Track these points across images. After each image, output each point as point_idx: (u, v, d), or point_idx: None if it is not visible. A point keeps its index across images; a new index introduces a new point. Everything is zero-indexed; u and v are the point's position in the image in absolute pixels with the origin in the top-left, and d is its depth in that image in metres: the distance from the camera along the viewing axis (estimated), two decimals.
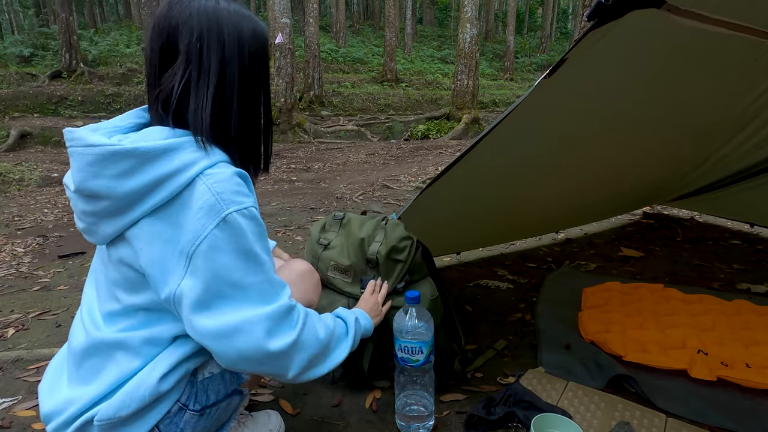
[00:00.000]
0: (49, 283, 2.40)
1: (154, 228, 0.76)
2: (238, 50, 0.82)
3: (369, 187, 4.81)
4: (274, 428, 1.14)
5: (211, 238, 0.73)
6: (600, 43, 1.07)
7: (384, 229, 1.32)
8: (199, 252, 0.74)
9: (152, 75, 0.82)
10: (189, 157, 0.76)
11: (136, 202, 0.75)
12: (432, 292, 1.32)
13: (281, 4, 8.78)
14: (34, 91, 10.06)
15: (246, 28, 0.83)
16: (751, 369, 1.40)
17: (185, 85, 0.79)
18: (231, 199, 0.75)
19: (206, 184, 0.75)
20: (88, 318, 0.86)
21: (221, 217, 0.74)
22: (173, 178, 0.75)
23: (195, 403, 0.85)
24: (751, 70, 1.58)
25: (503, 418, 1.19)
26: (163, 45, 0.80)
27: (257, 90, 0.87)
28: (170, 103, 0.80)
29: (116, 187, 0.74)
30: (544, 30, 23.59)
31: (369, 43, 20.44)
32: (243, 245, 0.76)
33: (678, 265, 2.35)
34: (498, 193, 1.85)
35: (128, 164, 0.74)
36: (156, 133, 0.79)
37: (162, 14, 0.80)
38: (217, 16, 0.80)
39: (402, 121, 10.96)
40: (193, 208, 0.74)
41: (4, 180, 5.69)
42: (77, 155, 0.75)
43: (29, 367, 1.55)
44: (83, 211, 0.79)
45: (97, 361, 0.82)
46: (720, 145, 2.20)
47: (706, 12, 1.12)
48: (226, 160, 0.81)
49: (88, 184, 0.75)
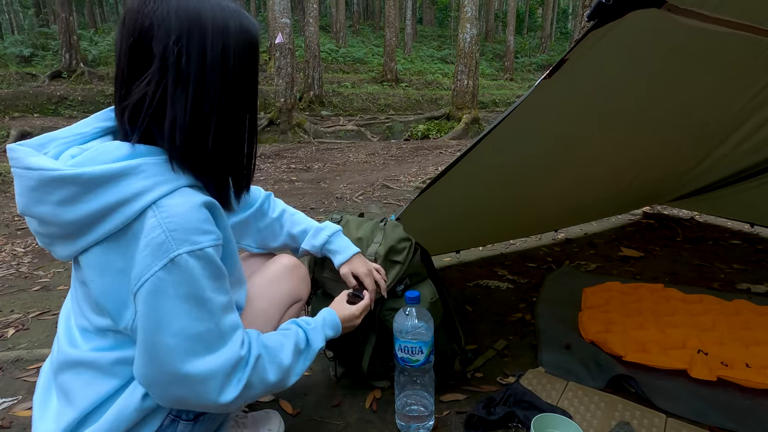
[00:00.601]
0: (49, 283, 2.40)
1: (105, 257, 0.70)
2: (222, 55, 0.71)
3: (369, 187, 4.81)
4: (274, 428, 1.14)
5: (155, 280, 0.66)
6: (600, 43, 1.07)
7: (383, 230, 1.31)
8: (141, 294, 0.67)
9: (120, 79, 0.71)
10: (141, 184, 0.67)
11: (83, 231, 0.68)
12: (432, 295, 1.31)
13: (281, 4, 8.78)
14: (34, 91, 10.07)
15: (233, 28, 0.72)
16: (751, 369, 1.40)
17: (159, 98, 0.69)
18: (184, 237, 0.67)
19: (157, 218, 0.66)
20: (63, 331, 0.83)
21: (169, 258, 0.66)
22: (121, 208, 0.67)
23: (188, 412, 0.83)
24: (750, 67, 1.58)
25: (503, 418, 1.19)
26: (133, 46, 0.69)
27: (242, 101, 0.77)
28: (139, 118, 0.70)
29: (60, 215, 0.67)
30: (544, 30, 23.60)
31: (369, 43, 20.46)
32: (191, 290, 0.68)
33: (678, 265, 2.35)
34: (498, 193, 1.85)
35: (70, 191, 0.66)
36: (111, 151, 0.69)
37: (134, 8, 0.69)
38: (199, 14, 0.69)
39: (402, 121, 10.96)
40: (140, 243, 0.67)
41: (4, 180, 5.69)
42: (18, 177, 0.67)
43: (29, 367, 1.55)
44: (36, 231, 0.73)
45: (69, 378, 0.78)
46: (719, 141, 2.20)
47: (706, 11, 1.12)
48: (194, 184, 0.73)
49: (31, 209, 0.68)
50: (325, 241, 1.14)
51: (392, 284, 1.26)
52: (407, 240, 1.30)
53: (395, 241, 1.28)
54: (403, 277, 1.28)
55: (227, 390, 0.73)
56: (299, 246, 1.16)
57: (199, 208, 0.69)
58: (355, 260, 1.15)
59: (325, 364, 1.52)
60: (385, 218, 1.40)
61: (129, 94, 0.70)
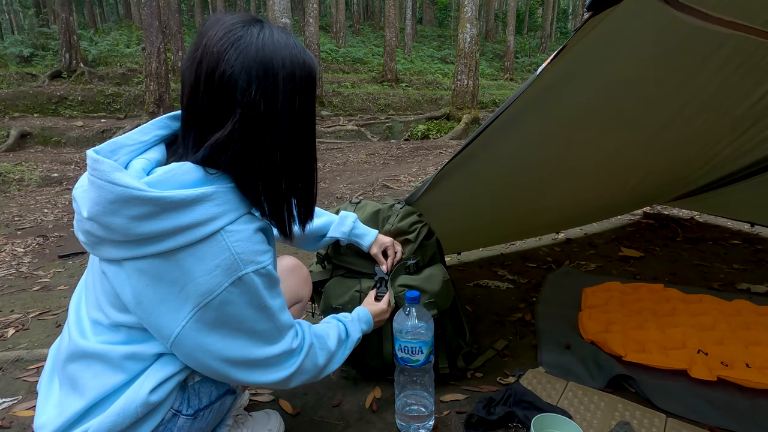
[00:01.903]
0: (49, 283, 2.40)
1: (161, 267, 0.74)
2: (290, 99, 0.77)
3: (369, 187, 4.81)
4: (274, 428, 1.14)
5: (226, 294, 0.75)
6: (599, 31, 1.05)
7: (398, 212, 1.40)
8: (212, 305, 0.75)
9: (199, 117, 0.76)
10: (214, 210, 0.74)
11: (149, 243, 0.73)
12: (444, 275, 1.35)
13: (281, 4, 8.78)
14: (34, 91, 10.07)
15: (298, 69, 0.77)
16: (751, 369, 1.40)
17: (241, 143, 0.75)
18: (250, 259, 0.76)
19: (226, 242, 0.74)
20: (74, 322, 0.85)
21: (237, 276, 0.75)
22: (192, 230, 0.73)
23: (188, 407, 0.85)
24: (752, 71, 1.58)
25: (503, 418, 1.19)
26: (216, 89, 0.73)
27: (307, 136, 0.83)
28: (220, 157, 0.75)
29: (132, 228, 0.71)
30: (544, 30, 23.59)
31: (369, 43, 20.44)
32: (255, 301, 0.78)
33: (678, 265, 2.35)
34: (498, 194, 1.85)
35: (149, 210, 0.71)
36: (185, 173, 0.75)
37: (215, 53, 0.73)
38: (272, 60, 0.74)
39: (402, 121, 10.95)
40: (210, 263, 0.74)
41: (4, 180, 5.69)
42: (97, 187, 0.71)
43: (29, 367, 1.55)
44: (89, 231, 0.76)
45: (78, 368, 0.81)
46: (723, 147, 2.19)
47: (704, 9, 1.12)
48: (252, 211, 0.81)
49: (103, 219, 0.72)
50: (352, 227, 1.29)
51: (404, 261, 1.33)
52: (419, 222, 1.38)
53: (408, 223, 1.37)
54: (416, 255, 1.35)
55: (281, 370, 0.86)
56: (325, 234, 1.29)
57: (258, 232, 0.79)
58: (380, 239, 1.32)
59: None
60: (401, 201, 1.49)
61: (207, 132, 0.75)
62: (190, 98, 0.76)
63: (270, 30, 0.76)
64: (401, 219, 1.38)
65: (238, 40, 0.73)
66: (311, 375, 0.92)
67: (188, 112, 0.77)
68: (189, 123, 0.78)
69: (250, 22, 0.76)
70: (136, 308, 0.76)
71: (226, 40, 0.73)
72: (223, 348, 0.79)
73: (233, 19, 0.76)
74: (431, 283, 1.31)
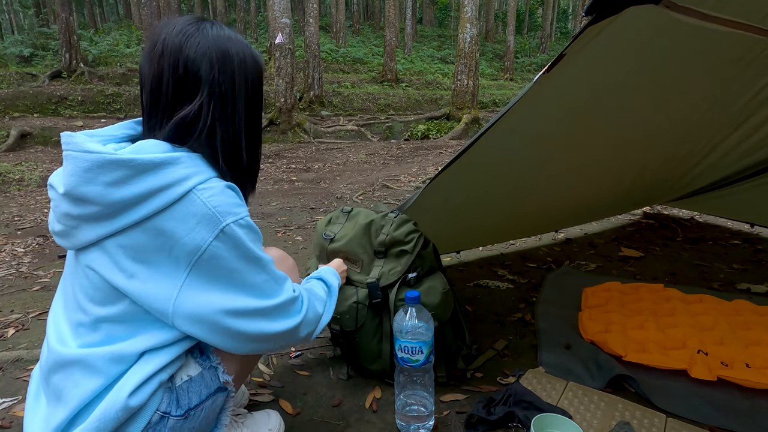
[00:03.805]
0: (49, 283, 2.40)
1: (141, 239, 0.77)
2: (245, 82, 0.88)
3: (369, 187, 4.81)
4: (274, 428, 1.14)
5: (212, 249, 0.77)
6: (599, 39, 1.07)
7: (392, 221, 1.37)
8: (202, 262, 0.77)
9: (163, 101, 0.83)
10: (183, 171, 0.78)
11: (125, 211, 0.76)
12: (444, 286, 1.35)
13: (281, 4, 8.78)
14: (34, 91, 10.07)
15: (248, 58, 0.88)
16: (751, 369, 1.40)
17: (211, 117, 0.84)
18: (227, 210, 0.79)
19: (200, 198, 0.78)
20: (53, 331, 0.84)
21: (220, 229, 0.77)
22: (166, 190, 0.76)
23: (177, 408, 0.84)
24: (750, 67, 1.58)
25: (503, 418, 1.19)
26: (180, 74, 0.82)
27: (257, 116, 0.93)
28: (189, 132, 0.83)
29: (108, 195, 0.75)
30: (544, 30, 23.58)
31: (369, 43, 20.43)
32: (244, 252, 0.80)
33: (678, 265, 2.35)
34: (498, 194, 1.85)
35: (123, 173, 0.75)
36: (152, 146, 0.80)
37: (177, 42, 0.82)
38: (227, 48, 0.85)
39: (402, 121, 10.95)
40: (189, 222, 0.77)
41: (4, 180, 5.69)
42: (72, 159, 0.75)
43: (29, 367, 1.55)
44: (66, 213, 0.79)
45: (60, 379, 0.80)
46: (719, 141, 2.20)
47: (704, 9, 1.12)
48: (216, 175, 0.85)
49: (80, 189, 0.75)
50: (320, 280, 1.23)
51: (402, 273, 1.32)
52: (416, 231, 1.36)
53: (404, 233, 1.35)
54: (415, 266, 1.33)
55: (288, 320, 0.88)
56: None
57: (228, 188, 0.82)
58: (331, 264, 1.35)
59: (326, 364, 1.52)
60: (395, 210, 1.46)
61: (173, 113, 0.83)
62: (152, 88, 0.83)
63: (220, 26, 0.87)
64: (396, 228, 1.36)
65: (195, 32, 0.83)
66: (314, 326, 0.96)
67: (151, 100, 0.84)
68: (152, 110, 0.84)
69: (201, 20, 0.86)
70: (130, 285, 0.77)
71: (183, 33, 0.82)
72: (225, 301, 0.80)
73: (186, 18, 0.86)
74: (431, 296, 1.30)
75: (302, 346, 1.62)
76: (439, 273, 1.40)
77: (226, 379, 0.91)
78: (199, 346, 0.91)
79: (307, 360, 1.55)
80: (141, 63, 0.86)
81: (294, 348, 1.61)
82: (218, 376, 0.90)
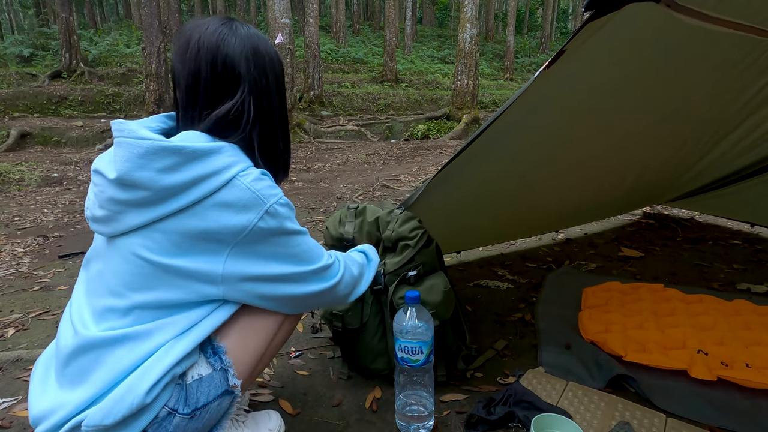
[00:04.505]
0: (49, 283, 2.40)
1: (186, 223, 0.81)
2: (275, 77, 0.95)
3: (369, 187, 4.81)
4: (274, 428, 1.14)
5: (257, 230, 0.84)
6: (599, 36, 1.06)
7: (397, 218, 1.40)
8: (247, 241, 0.84)
9: (202, 96, 0.88)
10: (227, 160, 0.84)
11: (174, 196, 0.80)
12: (445, 284, 1.35)
13: (281, 4, 8.78)
14: (34, 91, 10.06)
15: (274, 55, 0.94)
16: (751, 369, 1.40)
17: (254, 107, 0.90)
18: (269, 193, 0.85)
19: (244, 184, 0.83)
20: (77, 316, 0.86)
21: (264, 210, 0.84)
22: (212, 177, 0.81)
23: (185, 406, 0.85)
24: (749, 67, 1.58)
25: (503, 418, 1.19)
26: (220, 71, 0.87)
27: (285, 109, 1.00)
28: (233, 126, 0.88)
29: (159, 180, 0.79)
30: (544, 30, 23.58)
31: (369, 43, 20.43)
32: (285, 228, 0.88)
33: (678, 265, 2.35)
34: (498, 193, 1.85)
35: (174, 160, 0.79)
36: (196, 137, 0.86)
37: (213, 41, 0.86)
38: (257, 45, 0.91)
39: (402, 121, 10.95)
40: (235, 206, 0.82)
41: (4, 180, 5.69)
42: (126, 145, 0.79)
43: (29, 367, 1.55)
44: (113, 198, 0.81)
45: (84, 362, 0.82)
46: (719, 139, 2.20)
47: (705, 10, 1.12)
48: (252, 165, 0.90)
49: (133, 174, 0.78)
50: None
51: (402, 263, 1.34)
52: (419, 228, 1.38)
53: (408, 229, 1.37)
54: (416, 264, 1.34)
55: (328, 279, 0.97)
56: None
57: (265, 175, 0.89)
58: None
59: (326, 364, 1.52)
60: (401, 206, 1.48)
61: (213, 107, 0.88)
62: (188, 84, 0.88)
63: (247, 25, 0.93)
64: (401, 224, 1.38)
65: (229, 31, 0.88)
66: (350, 288, 1.04)
67: (188, 96, 0.89)
68: (188, 105, 0.89)
69: (231, 20, 0.92)
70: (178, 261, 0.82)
71: (218, 32, 0.87)
72: (269, 270, 0.88)
73: (216, 19, 0.91)
74: (432, 295, 1.30)
75: (302, 345, 1.63)
76: (441, 272, 1.40)
77: (234, 383, 0.91)
78: (212, 345, 0.92)
79: (307, 360, 1.55)
80: (173, 62, 0.90)
81: (294, 348, 1.61)
82: (227, 379, 0.91)
